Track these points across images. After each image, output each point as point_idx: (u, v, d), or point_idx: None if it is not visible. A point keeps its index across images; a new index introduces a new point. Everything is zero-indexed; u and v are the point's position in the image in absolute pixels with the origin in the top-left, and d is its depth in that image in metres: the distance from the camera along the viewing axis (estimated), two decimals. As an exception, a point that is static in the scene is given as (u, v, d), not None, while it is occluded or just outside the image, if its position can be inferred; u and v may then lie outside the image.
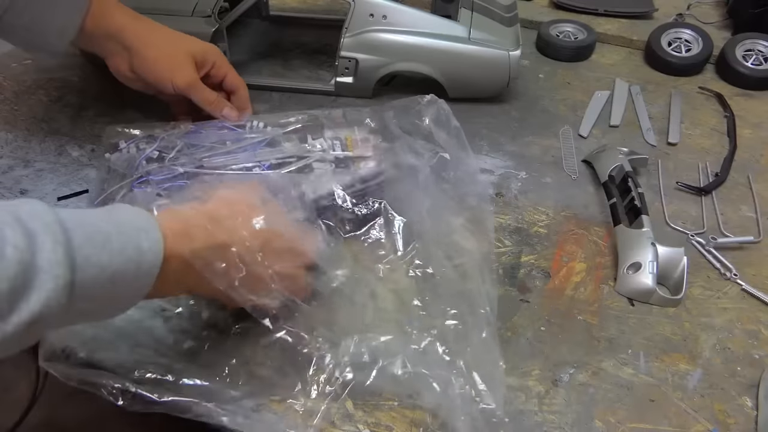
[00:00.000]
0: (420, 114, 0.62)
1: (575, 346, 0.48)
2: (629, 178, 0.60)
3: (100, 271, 0.34)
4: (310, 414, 0.42)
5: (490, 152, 0.69)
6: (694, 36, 0.88)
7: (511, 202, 0.62)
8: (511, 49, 0.72)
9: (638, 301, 0.52)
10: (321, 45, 0.88)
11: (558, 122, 0.75)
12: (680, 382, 0.46)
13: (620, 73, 0.86)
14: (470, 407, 0.42)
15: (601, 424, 0.43)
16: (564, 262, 0.56)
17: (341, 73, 0.74)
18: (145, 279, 0.37)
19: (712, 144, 0.73)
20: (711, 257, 0.57)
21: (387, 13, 0.71)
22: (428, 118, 0.61)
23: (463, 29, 0.73)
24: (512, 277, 0.54)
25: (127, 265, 0.35)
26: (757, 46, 0.85)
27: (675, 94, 0.81)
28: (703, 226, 0.60)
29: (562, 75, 0.86)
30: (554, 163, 0.68)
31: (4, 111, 0.71)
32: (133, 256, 0.36)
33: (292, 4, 1.02)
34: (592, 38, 0.90)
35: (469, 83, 0.75)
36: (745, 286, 0.54)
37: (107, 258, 0.34)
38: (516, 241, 0.57)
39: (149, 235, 0.37)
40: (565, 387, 0.45)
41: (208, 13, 0.74)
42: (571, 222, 0.60)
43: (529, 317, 0.51)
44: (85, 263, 0.33)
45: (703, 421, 0.44)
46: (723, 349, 0.49)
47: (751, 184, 0.66)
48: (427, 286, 0.50)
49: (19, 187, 0.60)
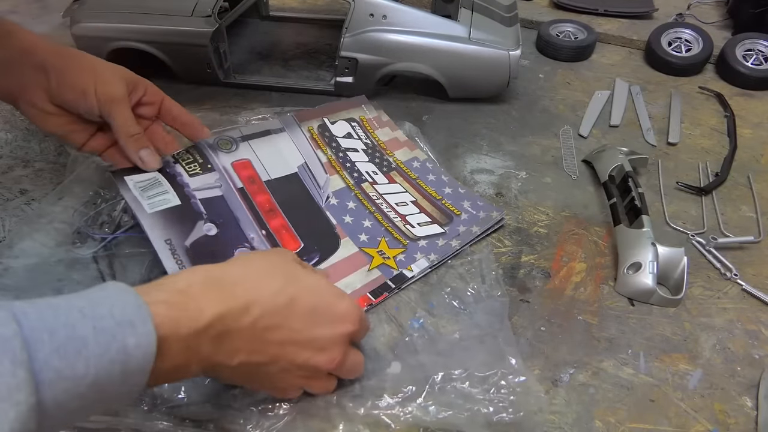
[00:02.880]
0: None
1: (575, 346, 0.48)
2: (629, 178, 0.60)
3: (74, 384, 0.29)
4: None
5: (490, 152, 0.69)
6: (694, 36, 0.88)
7: (511, 202, 0.62)
8: (511, 49, 0.72)
9: (638, 301, 0.52)
10: (321, 45, 0.88)
11: (558, 122, 0.75)
12: (680, 382, 0.46)
13: (620, 73, 0.86)
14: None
15: (601, 424, 0.43)
16: (564, 262, 0.56)
17: (341, 72, 0.74)
18: (137, 377, 0.32)
19: (712, 144, 0.73)
20: (711, 257, 0.57)
21: (387, 12, 0.72)
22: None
23: (463, 29, 0.73)
24: (512, 277, 0.54)
25: (110, 368, 0.30)
26: (757, 45, 0.85)
27: (675, 94, 0.81)
28: (703, 226, 0.60)
29: (562, 75, 0.86)
30: (554, 163, 0.68)
31: (4, 111, 0.71)
32: (117, 357, 0.30)
33: (292, 4, 1.02)
34: (592, 38, 0.90)
35: (469, 83, 0.75)
36: (745, 286, 0.54)
37: (83, 367, 0.29)
38: (516, 241, 0.57)
39: (137, 330, 0.31)
40: (565, 387, 0.45)
41: (208, 13, 0.74)
42: (571, 222, 0.60)
43: (529, 317, 0.51)
44: (54, 378, 0.28)
45: (703, 421, 0.44)
46: (723, 349, 0.49)
47: (751, 184, 0.66)
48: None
49: (19, 187, 0.60)
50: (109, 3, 0.76)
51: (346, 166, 0.62)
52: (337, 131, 0.66)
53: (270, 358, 0.39)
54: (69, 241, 0.54)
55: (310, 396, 0.43)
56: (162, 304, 0.34)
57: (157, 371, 0.32)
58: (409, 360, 0.46)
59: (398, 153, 0.65)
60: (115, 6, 0.75)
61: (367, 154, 0.64)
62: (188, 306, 0.35)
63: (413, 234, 0.56)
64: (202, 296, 0.36)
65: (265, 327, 0.38)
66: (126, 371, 0.31)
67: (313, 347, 0.40)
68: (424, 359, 0.46)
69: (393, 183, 0.61)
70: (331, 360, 0.41)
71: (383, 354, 0.47)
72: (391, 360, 0.46)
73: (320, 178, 0.60)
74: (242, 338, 0.37)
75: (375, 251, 0.54)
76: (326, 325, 0.41)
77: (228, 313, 0.36)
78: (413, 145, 0.67)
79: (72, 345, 0.29)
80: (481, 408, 0.42)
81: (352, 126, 0.67)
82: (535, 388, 0.44)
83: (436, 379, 0.44)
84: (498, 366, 0.45)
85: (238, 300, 0.37)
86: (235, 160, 0.58)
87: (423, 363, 0.46)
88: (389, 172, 0.62)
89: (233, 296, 0.37)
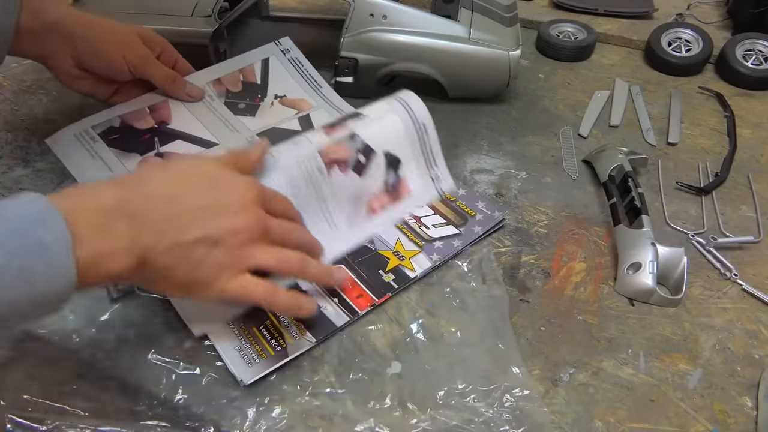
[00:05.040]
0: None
1: (575, 346, 0.48)
2: (629, 178, 0.60)
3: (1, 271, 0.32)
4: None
5: (490, 152, 0.69)
6: (694, 36, 0.88)
7: (511, 202, 0.62)
8: (511, 49, 0.72)
9: (638, 301, 0.52)
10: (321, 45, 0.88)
11: (558, 122, 0.75)
12: (680, 382, 0.46)
13: (620, 73, 0.86)
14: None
15: (601, 424, 0.43)
16: (564, 262, 0.56)
17: (341, 73, 0.74)
18: (63, 269, 0.34)
19: (712, 144, 0.73)
20: (711, 257, 0.57)
21: (387, 12, 0.71)
22: None
23: (463, 29, 0.73)
24: (512, 277, 0.54)
25: (33, 261, 0.33)
26: (757, 46, 0.85)
27: (675, 94, 0.81)
28: (703, 226, 0.60)
29: (562, 75, 0.86)
30: (554, 163, 0.68)
31: (4, 111, 0.71)
32: (36, 252, 0.33)
33: (292, 4, 1.02)
34: (592, 38, 0.90)
35: (469, 83, 0.75)
36: (745, 286, 0.54)
37: (3, 257, 0.32)
38: (516, 241, 0.57)
39: (48, 227, 0.34)
40: (565, 387, 0.45)
41: (208, 13, 0.74)
42: (571, 222, 0.60)
43: (529, 317, 0.51)
44: None
45: (703, 421, 0.44)
46: (723, 349, 0.49)
47: (751, 184, 0.66)
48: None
49: (19, 187, 0.60)
50: (108, 3, 0.76)
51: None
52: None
53: (194, 229, 0.40)
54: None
55: (310, 396, 0.43)
56: (62, 197, 0.36)
57: (83, 262, 0.34)
58: (410, 360, 0.46)
59: None
60: (115, 6, 0.75)
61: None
62: (91, 195, 0.38)
63: (428, 236, 0.55)
64: (98, 187, 0.39)
65: (171, 196, 0.41)
66: (49, 263, 0.33)
67: (226, 209, 0.42)
68: (425, 360, 0.46)
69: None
70: (248, 221, 0.42)
71: (384, 353, 0.47)
72: (391, 360, 0.46)
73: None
74: (156, 213, 0.39)
75: (390, 253, 0.53)
76: (229, 189, 0.43)
77: (132, 194, 0.39)
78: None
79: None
80: (484, 425, 0.42)
81: None
82: (537, 403, 0.43)
83: (439, 395, 0.44)
84: (501, 378, 0.45)
85: (142, 188, 0.40)
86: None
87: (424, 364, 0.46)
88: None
89: (136, 188, 0.40)
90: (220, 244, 0.41)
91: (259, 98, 0.68)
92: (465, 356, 0.46)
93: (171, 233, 0.40)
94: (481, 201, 0.59)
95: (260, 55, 0.71)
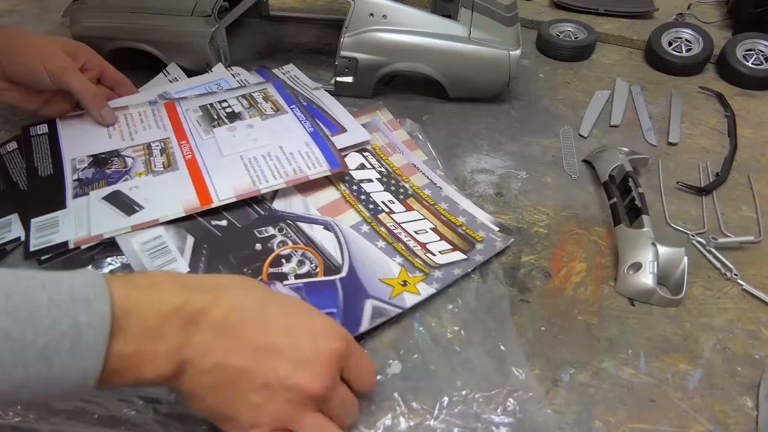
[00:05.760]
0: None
1: (575, 346, 0.48)
2: (629, 178, 0.60)
3: (21, 348, 0.29)
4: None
5: (490, 152, 0.69)
6: (694, 36, 0.88)
7: (511, 202, 0.62)
8: (511, 49, 0.72)
9: (638, 301, 0.52)
10: (321, 45, 0.88)
11: (558, 122, 0.75)
12: (680, 382, 0.46)
13: (620, 72, 0.86)
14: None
15: (601, 424, 0.43)
16: (564, 262, 0.56)
17: (341, 72, 0.74)
18: (89, 360, 0.31)
19: (712, 144, 0.73)
20: (711, 257, 0.57)
21: (387, 12, 0.71)
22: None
23: (463, 29, 0.73)
24: (512, 277, 0.54)
25: (60, 342, 0.30)
26: (758, 45, 0.85)
27: (675, 94, 0.81)
28: (703, 226, 0.60)
29: (562, 75, 0.86)
30: (554, 163, 0.68)
31: (4, 111, 0.71)
32: (68, 332, 0.30)
33: (292, 4, 1.01)
34: (592, 38, 0.90)
35: (469, 83, 0.75)
36: (745, 286, 0.54)
37: (31, 334, 0.29)
38: (516, 241, 0.57)
39: (91, 307, 0.31)
40: (566, 387, 0.45)
41: (208, 12, 0.74)
42: (572, 222, 0.60)
43: (529, 317, 0.51)
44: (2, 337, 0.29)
45: (704, 422, 0.44)
46: (723, 349, 0.49)
47: (751, 184, 0.66)
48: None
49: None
50: (108, 3, 0.76)
51: (361, 199, 0.59)
52: (349, 164, 0.63)
53: (247, 361, 0.35)
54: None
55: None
56: (126, 284, 0.34)
57: (116, 355, 0.31)
58: (411, 360, 0.46)
59: (414, 178, 0.62)
60: (115, 6, 0.75)
61: (382, 183, 0.61)
62: (153, 291, 0.34)
63: (435, 262, 0.53)
64: (169, 287, 0.35)
65: (240, 321, 0.36)
66: (76, 350, 0.30)
67: (295, 357, 0.36)
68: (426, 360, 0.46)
69: (411, 210, 0.59)
70: (316, 379, 0.36)
71: (384, 353, 0.47)
72: (392, 360, 0.46)
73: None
74: (214, 331, 0.35)
75: (396, 282, 0.51)
76: (306, 335, 0.37)
77: (196, 300, 0.35)
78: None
79: (25, 309, 0.29)
80: (486, 429, 0.42)
81: (365, 156, 0.64)
82: (541, 405, 0.43)
83: (439, 395, 0.44)
84: (503, 381, 0.45)
85: (208, 293, 0.36)
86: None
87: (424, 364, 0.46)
88: (406, 199, 0.60)
89: (201, 289, 0.36)
90: (269, 390, 0.36)
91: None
92: (466, 357, 0.46)
93: (219, 352, 0.35)
94: (482, 230, 0.57)
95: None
